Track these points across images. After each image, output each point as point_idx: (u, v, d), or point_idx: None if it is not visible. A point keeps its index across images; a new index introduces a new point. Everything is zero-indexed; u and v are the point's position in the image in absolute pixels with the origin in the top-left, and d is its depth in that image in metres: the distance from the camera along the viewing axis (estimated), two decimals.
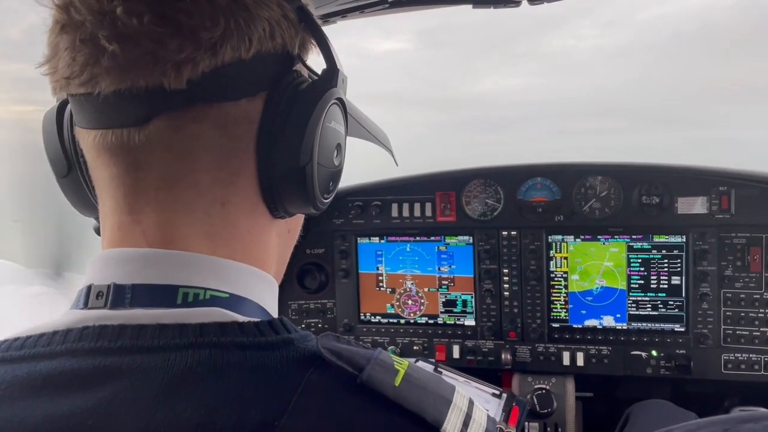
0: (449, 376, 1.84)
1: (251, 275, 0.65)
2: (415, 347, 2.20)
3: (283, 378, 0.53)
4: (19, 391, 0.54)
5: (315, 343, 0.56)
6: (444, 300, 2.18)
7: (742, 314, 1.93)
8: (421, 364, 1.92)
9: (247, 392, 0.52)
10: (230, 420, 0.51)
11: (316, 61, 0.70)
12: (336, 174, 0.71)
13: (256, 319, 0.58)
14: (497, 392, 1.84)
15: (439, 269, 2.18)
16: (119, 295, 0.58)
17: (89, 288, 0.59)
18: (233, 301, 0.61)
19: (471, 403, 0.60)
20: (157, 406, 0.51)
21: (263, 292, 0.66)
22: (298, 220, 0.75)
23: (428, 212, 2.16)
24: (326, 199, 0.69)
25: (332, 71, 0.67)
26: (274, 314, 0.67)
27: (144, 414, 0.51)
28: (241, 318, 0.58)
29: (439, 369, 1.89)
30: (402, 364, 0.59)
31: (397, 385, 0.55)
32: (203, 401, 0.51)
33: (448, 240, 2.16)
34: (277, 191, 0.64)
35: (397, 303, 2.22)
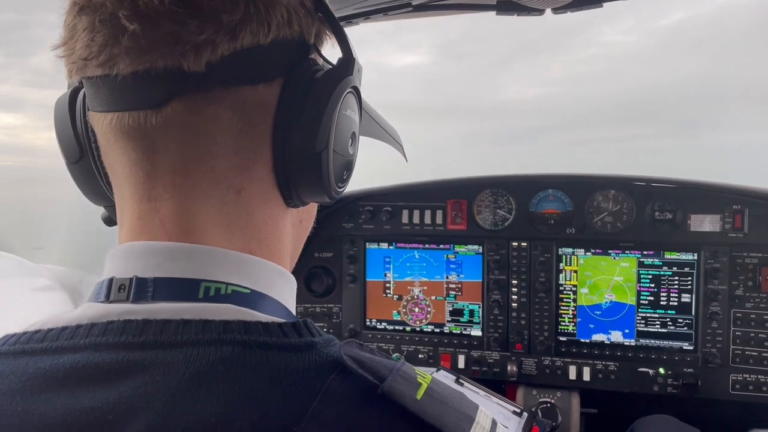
0: (470, 389, 1.82)
1: (272, 272, 0.64)
2: (420, 355, 2.18)
3: (304, 382, 0.52)
4: (41, 383, 0.54)
5: (338, 349, 0.55)
6: (451, 309, 2.17)
7: (752, 335, 1.91)
8: (442, 373, 1.89)
9: (267, 393, 0.51)
10: (249, 420, 0.50)
11: (330, 52, 0.69)
12: (350, 163, 0.70)
13: (279, 320, 0.57)
14: (518, 410, 1.79)
15: (447, 278, 2.16)
16: (141, 289, 0.57)
17: (111, 281, 0.59)
18: (254, 297, 0.60)
19: (494, 423, 0.59)
20: (177, 401, 0.50)
21: (283, 289, 0.66)
22: (310, 210, 0.74)
23: (439, 220, 2.15)
24: (340, 187, 0.68)
25: (348, 60, 0.66)
26: (293, 311, 0.67)
27: (164, 409, 0.50)
28: (264, 317, 0.57)
29: (461, 380, 1.86)
30: (425, 378, 0.57)
31: (418, 398, 0.54)
32: (223, 399, 0.50)
33: (457, 249, 2.15)
34: (293, 178, 0.63)
35: (404, 310, 2.21)
